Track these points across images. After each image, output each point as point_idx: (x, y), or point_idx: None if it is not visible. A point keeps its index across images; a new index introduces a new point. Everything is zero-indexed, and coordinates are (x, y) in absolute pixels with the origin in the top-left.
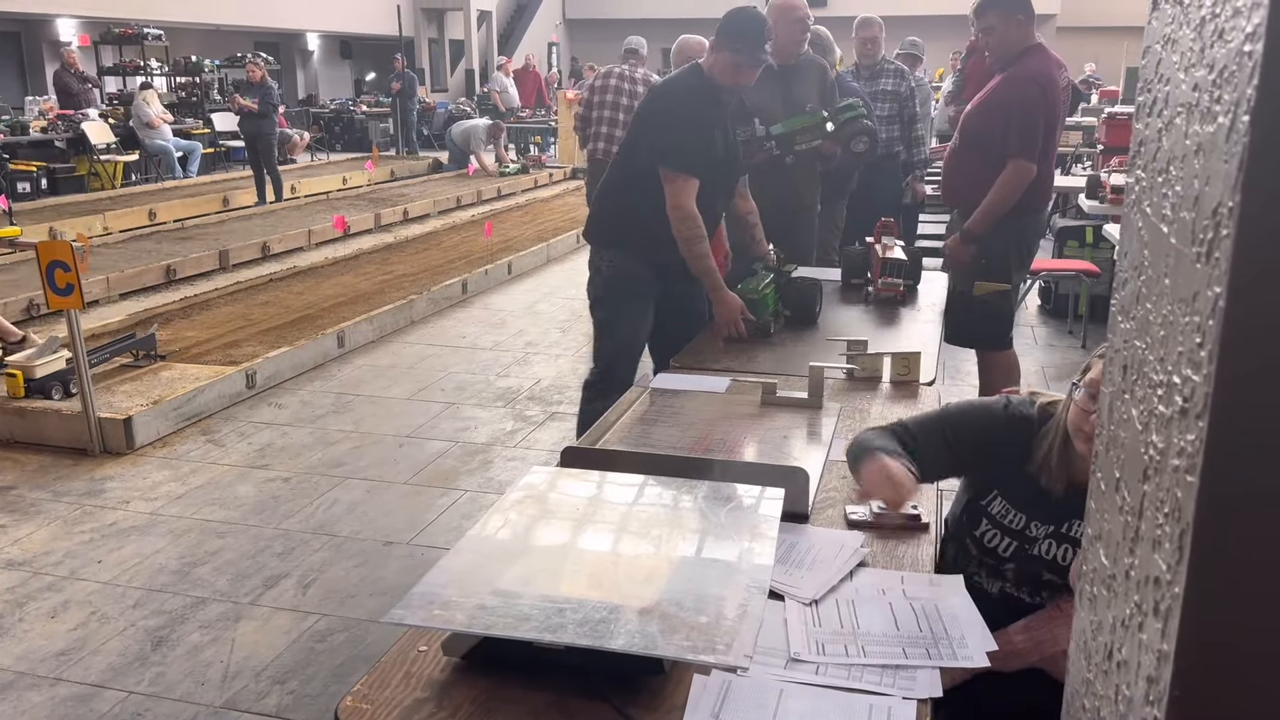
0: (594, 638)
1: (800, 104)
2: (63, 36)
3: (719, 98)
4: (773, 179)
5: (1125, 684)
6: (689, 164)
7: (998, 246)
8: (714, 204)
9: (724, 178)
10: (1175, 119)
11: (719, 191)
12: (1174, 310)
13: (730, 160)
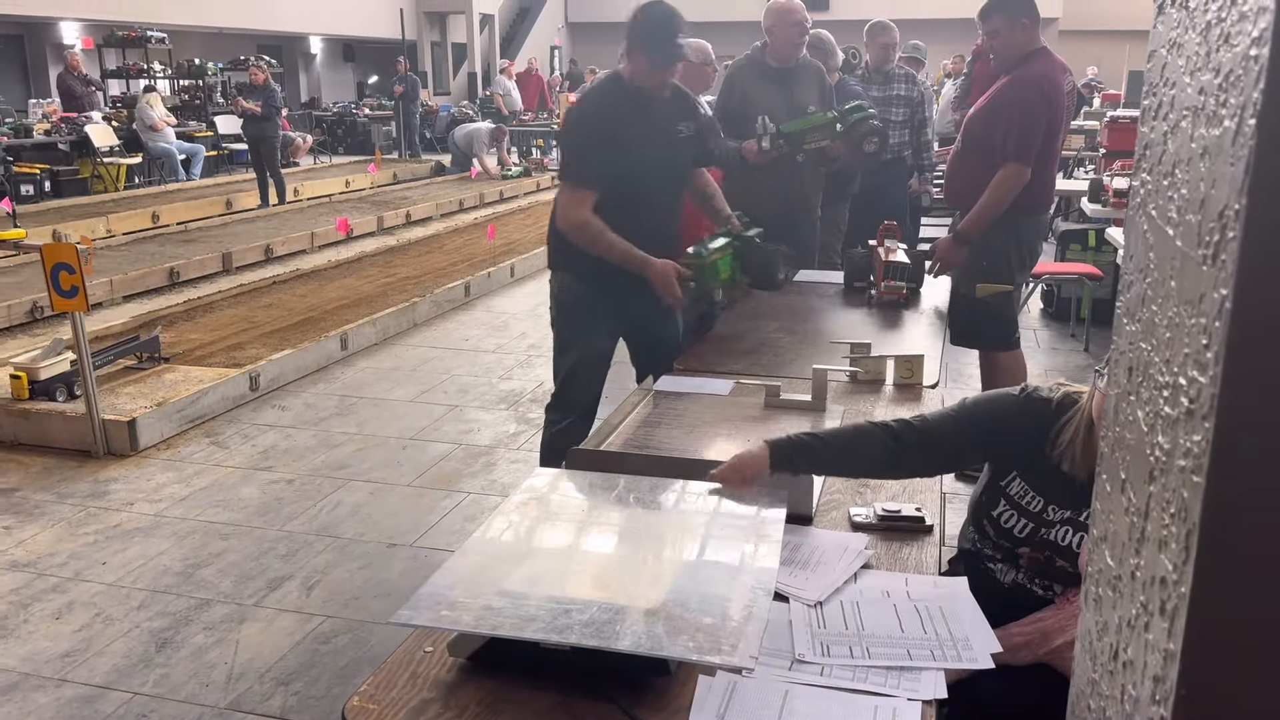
0: (600, 638)
1: (802, 106)
2: (66, 39)
3: (643, 101)
4: (780, 179)
5: (1131, 684)
6: (582, 176)
7: (996, 248)
8: (653, 207)
9: (660, 179)
10: (1181, 122)
11: (658, 193)
12: (1180, 312)
13: (668, 159)
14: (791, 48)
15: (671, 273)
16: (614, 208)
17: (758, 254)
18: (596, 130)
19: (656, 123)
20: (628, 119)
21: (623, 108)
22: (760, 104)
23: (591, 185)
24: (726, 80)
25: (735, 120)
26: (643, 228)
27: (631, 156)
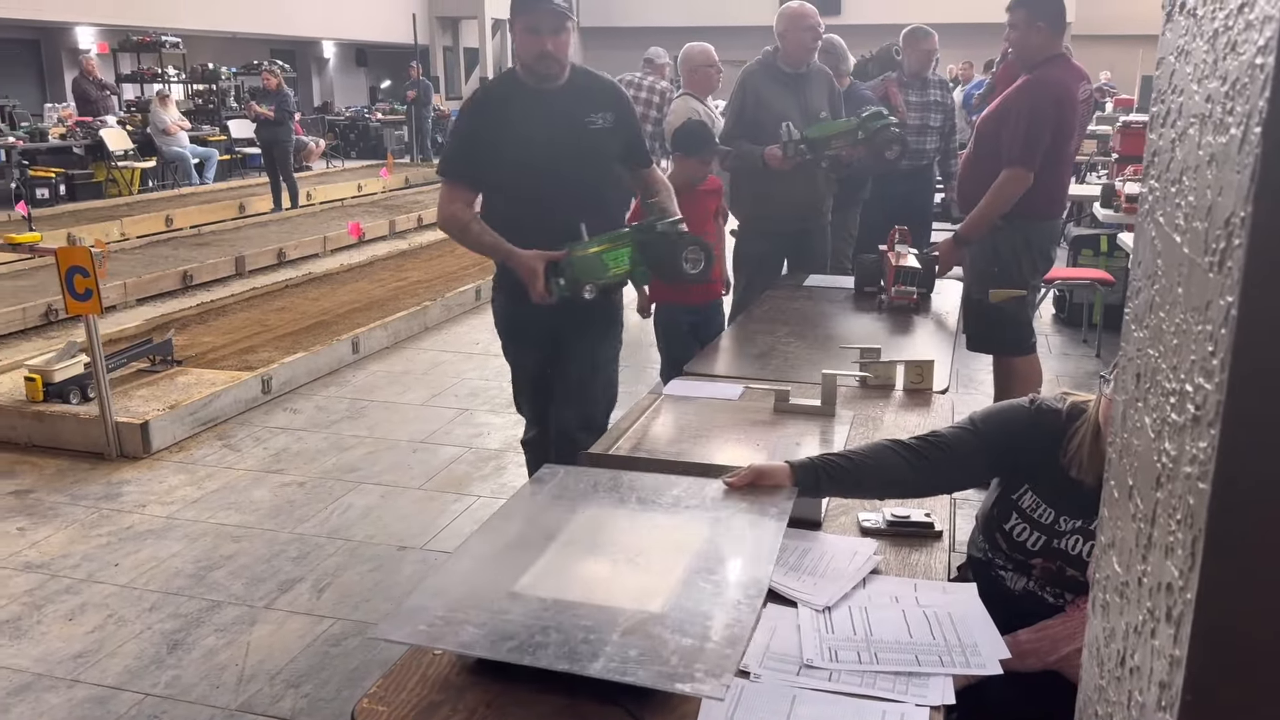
0: (572, 660)
1: (814, 111)
2: (81, 44)
3: (536, 90)
4: (793, 185)
5: (1138, 690)
6: (450, 170)
7: (1007, 253)
8: (563, 202)
9: (567, 173)
10: (1189, 130)
11: (566, 188)
12: (1187, 319)
13: (575, 152)
14: (804, 52)
15: (537, 266)
16: (516, 203)
17: (660, 245)
18: (471, 124)
19: (556, 113)
20: (516, 111)
21: (510, 99)
22: (773, 108)
23: (460, 179)
24: (739, 84)
25: (749, 124)
26: (552, 224)
27: (521, 150)
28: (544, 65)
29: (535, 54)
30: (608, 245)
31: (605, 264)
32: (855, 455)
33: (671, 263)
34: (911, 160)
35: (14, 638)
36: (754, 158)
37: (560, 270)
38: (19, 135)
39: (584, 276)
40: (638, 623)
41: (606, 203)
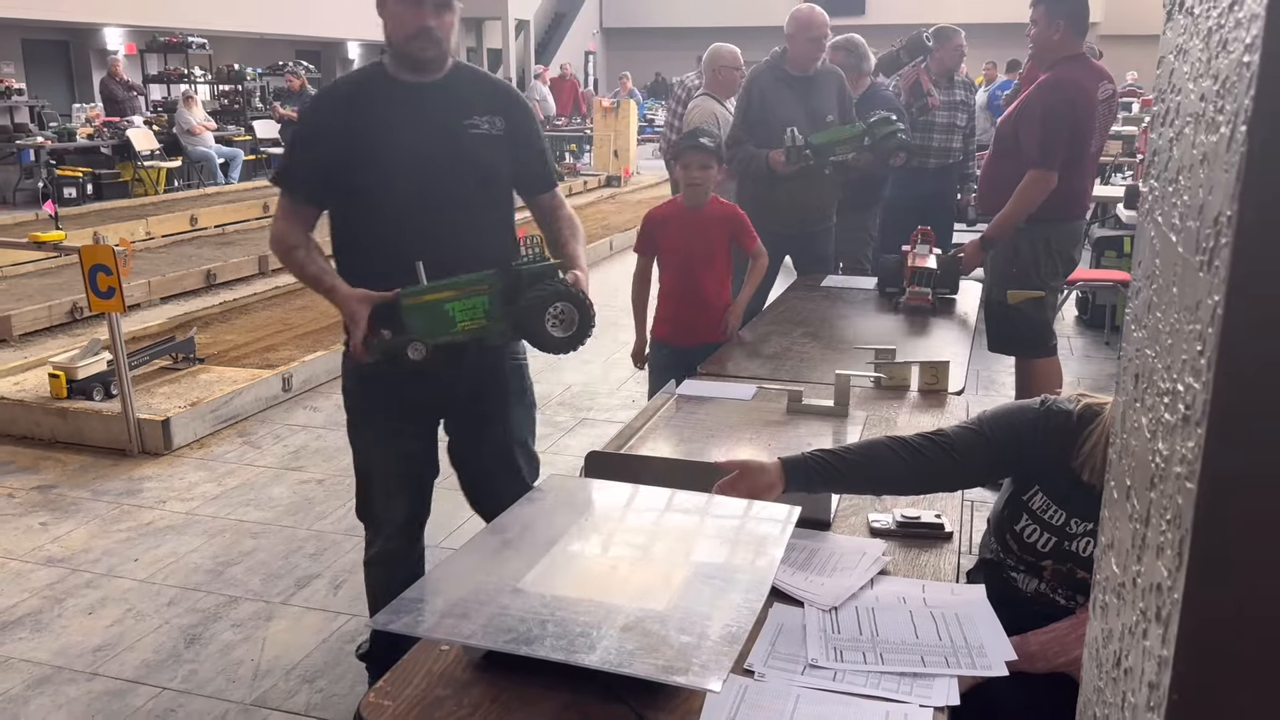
0: (569, 652)
1: (820, 115)
2: (109, 45)
3: (399, 82)
4: (798, 191)
5: (1130, 690)
6: (284, 180)
7: (1025, 254)
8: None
9: (436, 186)
10: (1185, 129)
11: (434, 205)
12: (1180, 318)
13: (448, 161)
14: (808, 60)
15: (359, 310)
16: (367, 226)
17: (524, 299)
18: (317, 122)
19: (428, 111)
20: (376, 107)
21: (370, 93)
22: (779, 111)
23: (297, 191)
24: (746, 85)
25: (755, 126)
26: (407, 254)
27: (378, 155)
28: (420, 45)
29: (411, 30)
30: (454, 292)
31: (450, 316)
32: (849, 452)
33: (530, 323)
34: (939, 159)
35: (35, 631)
36: (758, 162)
37: (388, 319)
38: (47, 135)
39: (419, 330)
40: (636, 619)
41: (483, 231)
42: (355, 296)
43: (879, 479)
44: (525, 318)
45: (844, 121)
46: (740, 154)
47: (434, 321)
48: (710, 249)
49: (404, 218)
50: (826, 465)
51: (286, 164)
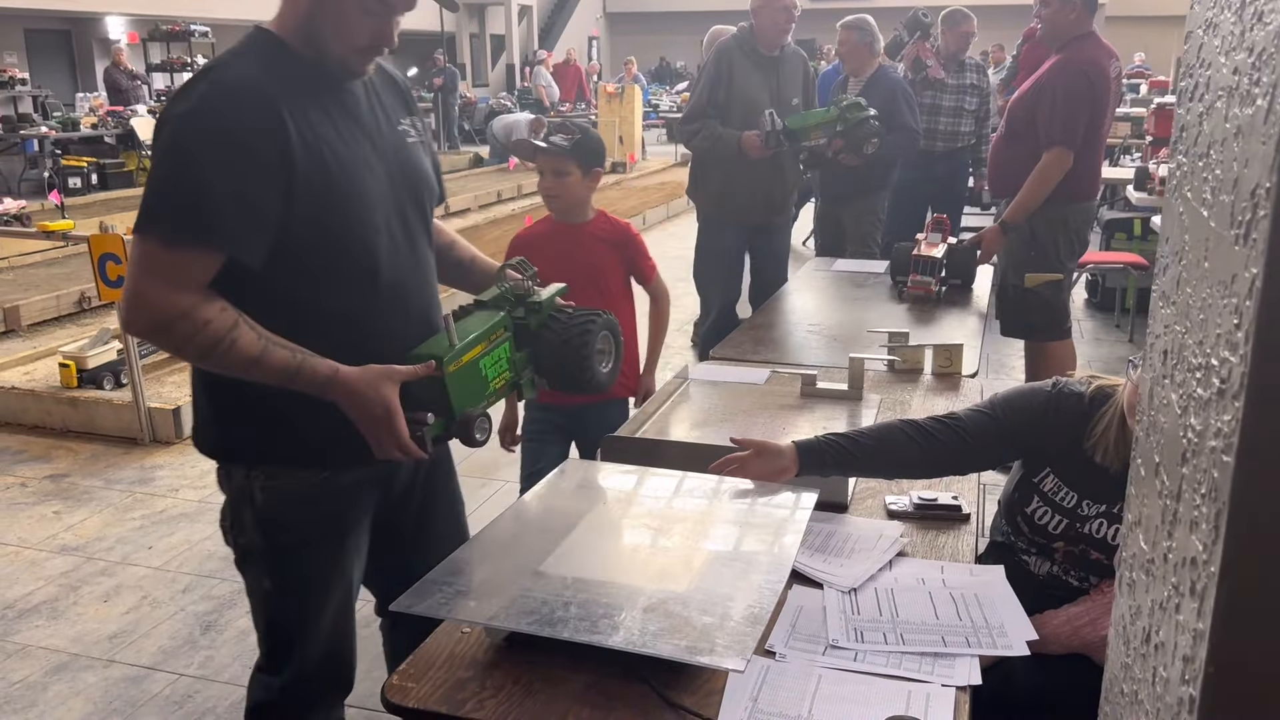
0: (593, 634)
1: (786, 97)
2: (112, 34)
3: (325, 76)
4: (764, 177)
5: (1162, 665)
6: (189, 226)
7: (1044, 236)
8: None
9: (387, 216)
10: (1216, 103)
11: (386, 241)
12: (1212, 293)
13: (397, 183)
14: (777, 33)
15: (391, 395)
16: (317, 281)
17: (553, 334)
18: (244, 136)
19: (365, 118)
20: (314, 115)
21: (296, 94)
22: (746, 90)
23: (211, 241)
24: (715, 60)
25: (718, 105)
26: (389, 315)
27: (333, 180)
28: (366, 60)
29: (363, 43)
30: (483, 345)
31: (484, 376)
32: (862, 435)
33: (575, 361)
34: (946, 143)
35: (51, 619)
36: (729, 143)
37: (425, 398)
38: (51, 125)
39: (463, 401)
40: (659, 601)
41: (431, 267)
42: (377, 379)
43: (892, 463)
44: (568, 358)
45: (808, 105)
46: (705, 131)
47: (474, 386)
48: (596, 276)
49: (355, 252)
50: (840, 449)
51: (182, 206)
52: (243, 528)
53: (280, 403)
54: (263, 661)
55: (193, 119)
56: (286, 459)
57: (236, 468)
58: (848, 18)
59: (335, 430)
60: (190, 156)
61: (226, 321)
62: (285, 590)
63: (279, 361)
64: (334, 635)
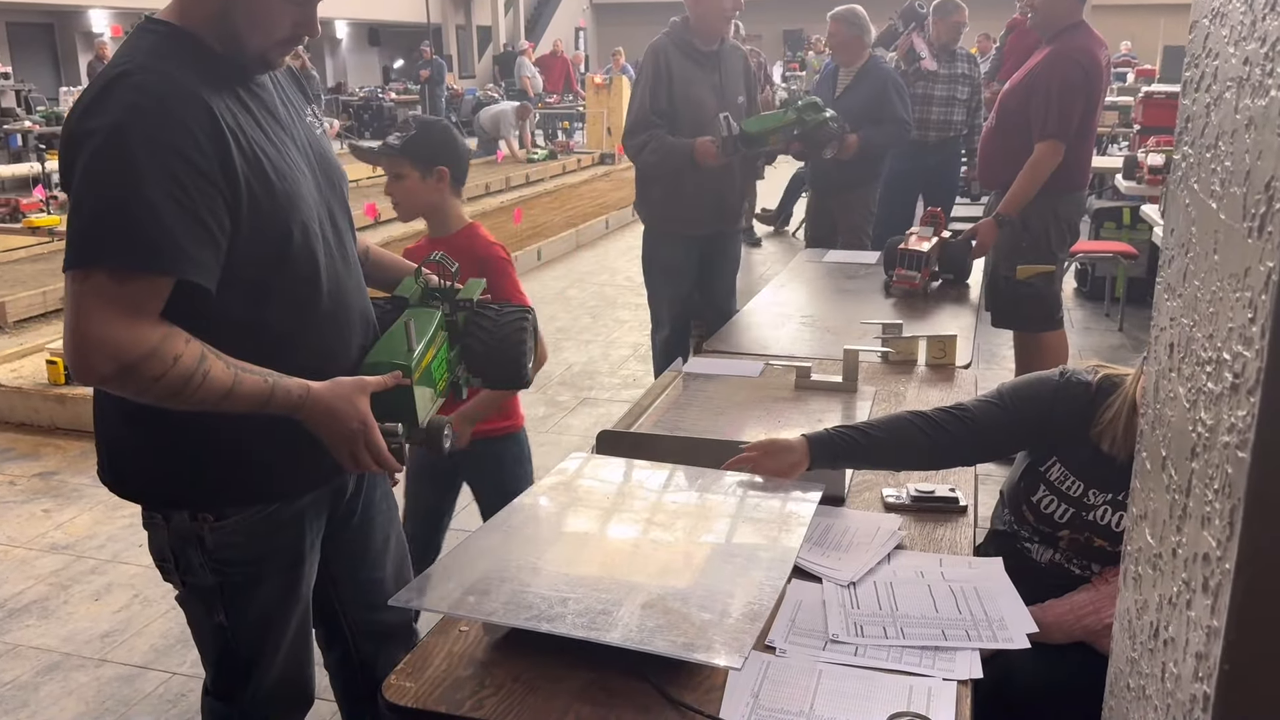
0: (590, 630)
1: (731, 96)
2: (95, 28)
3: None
4: (714, 185)
5: (1172, 661)
6: (149, 253)
7: (1036, 227)
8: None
9: (322, 217)
10: (1225, 94)
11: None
12: (1223, 286)
13: (321, 181)
14: (722, 22)
15: (364, 408)
16: (283, 290)
17: (484, 331)
18: (185, 144)
19: (278, 113)
20: (244, 115)
21: (219, 91)
22: (690, 93)
23: (167, 267)
24: (651, 62)
25: (665, 112)
26: (334, 321)
27: (272, 184)
28: (284, 53)
29: (284, 34)
30: (434, 348)
31: (434, 378)
32: (872, 427)
33: (513, 358)
34: (939, 132)
35: (42, 618)
36: (681, 153)
37: (391, 408)
38: (35, 119)
39: (422, 408)
40: (657, 597)
41: (359, 265)
42: (350, 392)
43: (902, 454)
44: (505, 355)
45: (752, 103)
46: (654, 144)
47: (428, 391)
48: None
49: (312, 271)
50: (851, 441)
51: (142, 223)
52: (190, 569)
53: (225, 438)
54: (212, 687)
55: (124, 130)
56: (238, 498)
57: (176, 512)
58: (838, 9)
59: (284, 457)
60: (129, 174)
61: (194, 353)
62: (241, 624)
63: (251, 389)
64: (291, 658)
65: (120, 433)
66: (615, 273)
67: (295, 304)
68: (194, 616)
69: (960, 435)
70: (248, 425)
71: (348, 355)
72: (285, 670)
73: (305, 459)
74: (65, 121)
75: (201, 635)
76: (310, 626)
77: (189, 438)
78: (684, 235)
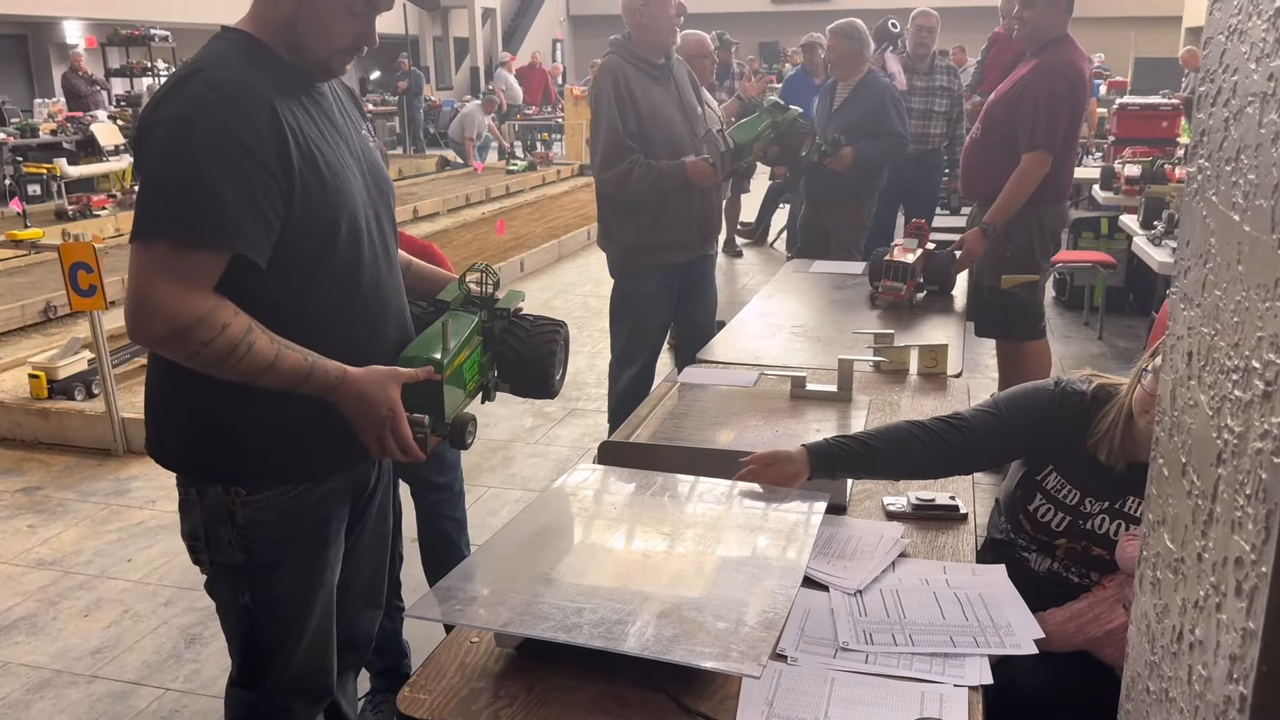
0: (607, 639)
1: (693, 107)
2: (69, 39)
3: (306, 82)
4: (697, 207)
5: (1201, 664)
6: (204, 229)
7: (1021, 238)
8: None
9: (371, 218)
10: (1246, 108)
11: (373, 242)
12: (1249, 296)
13: (370, 185)
14: (670, 31)
15: (395, 395)
16: (329, 278)
17: (517, 339)
18: (248, 137)
19: (335, 119)
20: (305, 118)
21: (286, 97)
22: (657, 110)
23: (224, 242)
24: (612, 84)
25: (638, 135)
26: (376, 313)
27: (325, 181)
28: (346, 61)
29: (345, 43)
30: (468, 349)
31: (464, 378)
32: (870, 437)
33: (541, 369)
34: (917, 144)
35: (31, 634)
36: (674, 176)
37: (420, 401)
38: (9, 131)
39: (452, 403)
40: (673, 607)
41: (400, 270)
42: (384, 380)
43: (901, 463)
44: (534, 365)
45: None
46: (638, 171)
47: (459, 389)
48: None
49: (355, 265)
50: (850, 451)
51: (204, 201)
52: (219, 546)
53: (262, 415)
54: (237, 676)
55: (192, 120)
56: (270, 473)
57: (211, 485)
58: (837, 23)
59: (316, 439)
60: (194, 158)
61: (242, 325)
62: (266, 607)
63: (291, 365)
64: (315, 645)
65: (166, 406)
66: (599, 283)
67: (337, 293)
68: (221, 602)
69: (957, 444)
70: (283, 405)
71: (383, 350)
72: (308, 657)
73: (334, 442)
74: (140, 113)
75: (228, 621)
76: (333, 616)
77: (228, 413)
78: (663, 266)
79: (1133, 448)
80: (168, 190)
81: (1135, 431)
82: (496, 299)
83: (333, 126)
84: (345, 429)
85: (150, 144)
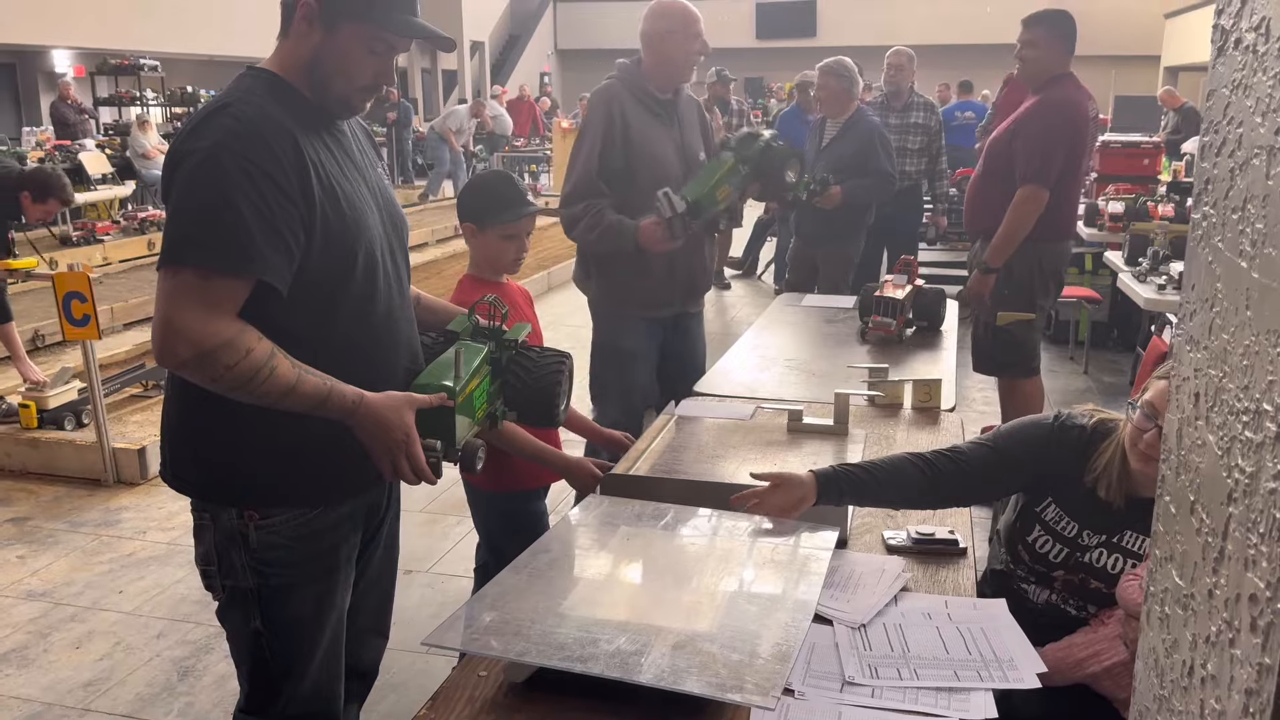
0: (623, 670)
1: (693, 153)
2: (58, 68)
3: (326, 119)
4: (680, 257)
5: (1215, 698)
6: (230, 256)
7: (1019, 275)
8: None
9: (386, 250)
10: (1253, 160)
11: (387, 274)
12: (1259, 341)
13: (385, 218)
14: (687, 68)
15: (409, 420)
16: (346, 308)
17: (524, 370)
18: (272, 169)
19: (353, 155)
20: (325, 152)
21: (308, 131)
22: (651, 148)
23: (248, 269)
24: (603, 112)
25: (616, 173)
26: (390, 342)
27: (344, 214)
28: (366, 99)
29: (367, 80)
30: (479, 378)
31: (474, 407)
32: (874, 466)
33: (547, 399)
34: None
35: (21, 667)
36: (625, 236)
37: (432, 427)
38: None
39: (462, 431)
40: (686, 638)
41: (411, 302)
42: (400, 405)
43: (902, 493)
44: (541, 395)
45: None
46: (589, 219)
47: (469, 416)
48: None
49: (371, 296)
50: (855, 478)
51: (231, 230)
52: (232, 570)
53: (276, 439)
54: (245, 703)
55: (219, 152)
56: (284, 497)
57: (225, 509)
58: (827, 61)
59: (330, 463)
60: (222, 188)
61: (265, 349)
62: (277, 632)
63: (311, 389)
64: (324, 670)
65: (182, 430)
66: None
67: (353, 322)
68: (233, 627)
69: (957, 476)
70: (298, 429)
71: (395, 377)
72: (317, 683)
73: (348, 467)
74: (170, 144)
75: (239, 647)
76: (343, 642)
77: (243, 436)
78: (645, 318)
79: (1131, 483)
80: (195, 218)
81: (1128, 468)
82: (504, 330)
83: (352, 163)
84: (359, 454)
85: (179, 174)
